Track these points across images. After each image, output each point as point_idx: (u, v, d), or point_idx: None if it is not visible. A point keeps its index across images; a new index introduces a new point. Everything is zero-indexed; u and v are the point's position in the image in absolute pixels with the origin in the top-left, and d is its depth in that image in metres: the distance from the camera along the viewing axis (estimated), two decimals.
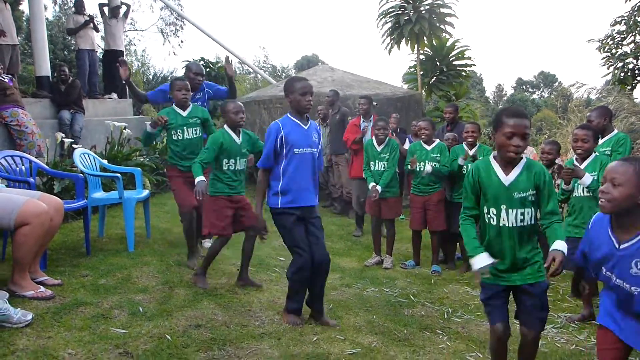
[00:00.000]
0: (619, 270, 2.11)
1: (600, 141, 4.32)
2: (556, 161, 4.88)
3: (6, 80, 6.49)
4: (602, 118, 4.42)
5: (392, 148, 5.33)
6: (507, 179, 2.45)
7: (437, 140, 5.34)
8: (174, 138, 4.57)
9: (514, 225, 2.46)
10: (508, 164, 2.47)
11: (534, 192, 2.44)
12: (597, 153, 3.98)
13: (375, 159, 5.34)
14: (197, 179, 3.89)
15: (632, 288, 2.07)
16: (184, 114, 4.58)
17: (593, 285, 3.62)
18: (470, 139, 5.17)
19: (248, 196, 4.37)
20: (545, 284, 2.51)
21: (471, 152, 5.10)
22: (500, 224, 2.48)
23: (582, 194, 3.88)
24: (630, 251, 2.08)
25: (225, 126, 4.14)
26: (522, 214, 2.45)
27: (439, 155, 5.17)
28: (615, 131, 4.49)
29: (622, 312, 2.18)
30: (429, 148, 5.22)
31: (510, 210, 2.46)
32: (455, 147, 5.32)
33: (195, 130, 4.63)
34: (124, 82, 4.76)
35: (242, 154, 4.19)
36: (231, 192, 4.12)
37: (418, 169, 5.20)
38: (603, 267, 2.19)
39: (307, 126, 3.55)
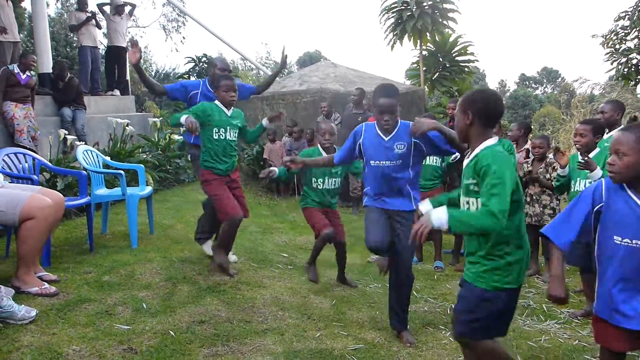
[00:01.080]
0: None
1: (607, 135, 4.31)
2: (548, 155, 4.89)
3: (22, 77, 6.58)
4: (615, 112, 4.35)
5: None
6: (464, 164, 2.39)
7: None
8: (214, 137, 4.25)
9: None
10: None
11: (475, 181, 2.27)
12: (599, 148, 3.96)
13: None
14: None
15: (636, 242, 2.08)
16: (229, 113, 4.33)
17: (594, 280, 3.59)
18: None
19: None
20: (478, 290, 2.26)
21: None
22: None
23: (583, 188, 3.86)
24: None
25: (217, 101, 4.30)
26: (468, 202, 2.34)
27: None
28: (622, 126, 4.45)
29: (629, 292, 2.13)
30: None
31: (462, 198, 2.38)
32: None
33: (235, 132, 4.38)
34: (132, 65, 4.41)
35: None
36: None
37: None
38: (615, 236, 2.14)
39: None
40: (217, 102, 4.31)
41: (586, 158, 3.65)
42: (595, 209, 2.18)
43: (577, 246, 3.09)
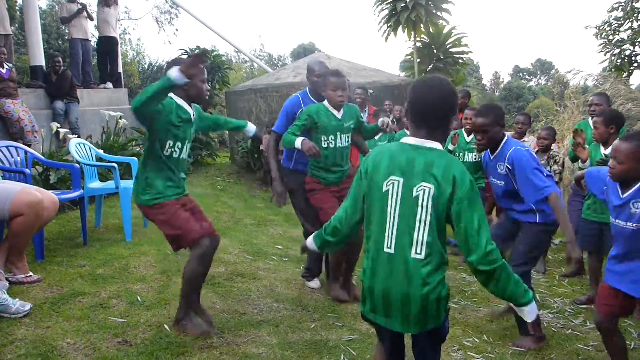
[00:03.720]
0: (622, 214, 2.53)
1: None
2: (552, 147, 4.91)
3: (3, 72, 6.49)
4: (606, 103, 4.51)
5: (392, 138, 5.33)
6: None
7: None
8: (323, 145, 3.64)
9: None
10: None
11: None
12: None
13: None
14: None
15: (628, 224, 2.49)
16: (339, 115, 3.69)
17: (599, 269, 3.88)
18: (468, 126, 5.15)
19: None
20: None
21: (468, 139, 5.09)
22: None
23: None
24: (629, 197, 2.49)
25: (325, 102, 3.68)
26: None
27: None
28: (623, 135, 4.55)
29: (619, 260, 2.57)
30: None
31: None
32: (453, 132, 5.32)
33: (348, 137, 3.77)
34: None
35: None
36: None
37: None
38: (611, 217, 2.60)
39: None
40: (325, 103, 3.69)
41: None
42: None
43: (591, 227, 3.75)
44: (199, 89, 2.96)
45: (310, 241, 2.23)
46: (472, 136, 5.11)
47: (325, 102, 3.67)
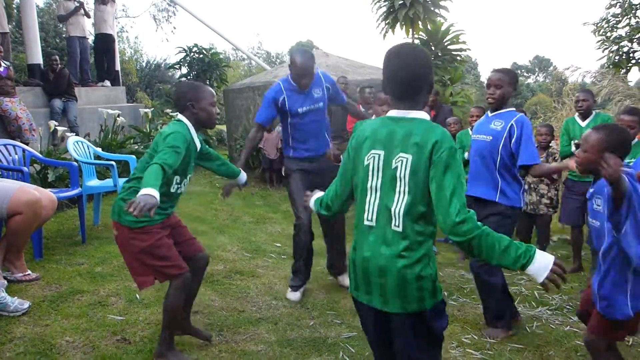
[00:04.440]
0: (589, 211, 2.48)
1: (586, 122, 4.48)
2: (551, 144, 4.93)
3: (0, 70, 6.47)
4: (592, 99, 4.61)
5: None
6: None
7: None
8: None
9: None
10: None
11: None
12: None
13: None
14: None
15: (592, 221, 2.43)
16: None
17: (581, 242, 4.58)
18: (474, 123, 5.17)
19: None
20: None
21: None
22: None
23: None
24: (590, 194, 2.44)
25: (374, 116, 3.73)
26: None
27: None
28: (596, 112, 4.69)
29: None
30: None
31: None
32: (461, 133, 5.34)
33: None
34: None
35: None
36: None
37: None
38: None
39: None
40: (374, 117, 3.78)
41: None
42: None
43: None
44: (209, 112, 2.74)
45: (311, 203, 2.21)
46: None
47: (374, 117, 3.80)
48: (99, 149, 5.71)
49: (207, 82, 11.18)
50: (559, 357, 3.00)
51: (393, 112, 1.84)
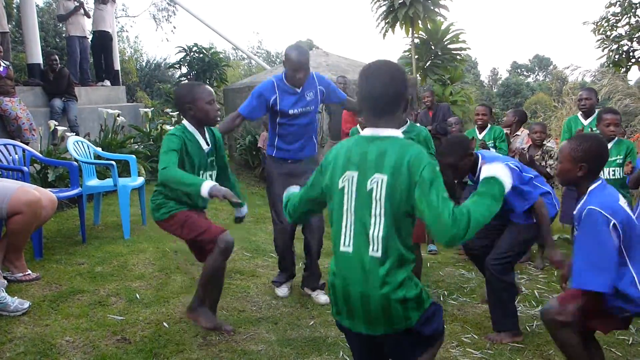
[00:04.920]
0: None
1: (588, 120, 4.51)
2: (545, 143, 4.95)
3: (1, 70, 6.47)
4: (595, 97, 4.68)
5: None
6: None
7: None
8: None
9: None
10: None
11: None
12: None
13: None
14: None
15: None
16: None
17: None
18: (480, 122, 5.19)
19: None
20: None
21: (480, 136, 5.13)
22: None
23: (609, 177, 4.04)
24: (576, 214, 2.34)
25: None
26: None
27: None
28: (598, 110, 4.71)
29: None
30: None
31: None
32: (468, 133, 5.36)
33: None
34: None
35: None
36: None
37: None
38: None
39: None
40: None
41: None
42: None
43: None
44: (205, 111, 2.81)
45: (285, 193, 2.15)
46: (484, 133, 5.14)
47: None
48: (99, 149, 5.71)
49: (207, 82, 11.17)
50: (559, 357, 2.99)
51: (367, 131, 1.79)
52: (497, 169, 1.74)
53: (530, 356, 3.00)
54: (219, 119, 2.94)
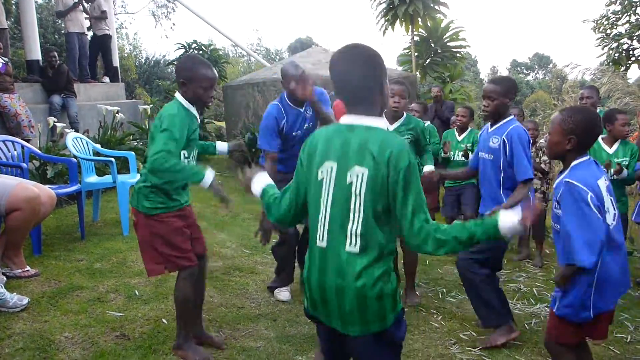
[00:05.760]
0: None
1: None
2: (537, 140, 4.96)
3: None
4: (597, 96, 4.65)
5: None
6: None
7: (427, 123, 5.35)
8: None
9: None
10: None
11: None
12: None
13: None
14: None
15: (554, 225, 2.26)
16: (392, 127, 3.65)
17: None
18: (459, 123, 5.19)
19: None
20: None
21: (460, 138, 5.13)
22: None
23: (612, 176, 4.00)
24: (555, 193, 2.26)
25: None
26: None
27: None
28: (600, 109, 4.72)
29: None
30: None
31: None
32: (446, 133, 5.38)
33: None
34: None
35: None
36: None
37: None
38: None
39: None
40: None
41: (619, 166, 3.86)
42: None
43: None
44: (198, 95, 2.63)
45: (257, 192, 1.97)
46: (464, 135, 5.14)
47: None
48: (98, 145, 5.69)
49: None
50: None
51: (347, 119, 1.71)
52: (513, 222, 1.61)
53: (529, 353, 3.01)
54: (210, 104, 2.80)
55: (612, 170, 3.80)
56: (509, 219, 1.62)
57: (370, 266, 1.62)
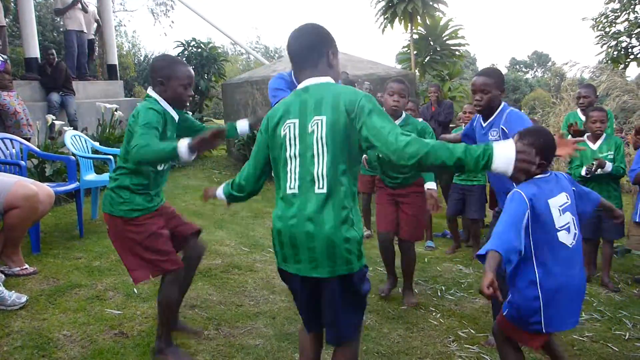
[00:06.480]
0: None
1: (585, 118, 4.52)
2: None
3: None
4: (594, 94, 4.66)
5: None
6: None
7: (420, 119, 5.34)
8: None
9: None
10: None
11: None
12: (605, 134, 4.21)
13: None
14: None
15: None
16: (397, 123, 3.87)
17: (594, 253, 4.35)
18: (468, 121, 5.18)
19: None
20: None
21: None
22: None
23: (600, 172, 4.07)
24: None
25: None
26: None
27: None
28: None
29: None
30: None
31: None
32: (454, 132, 5.37)
33: None
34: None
35: None
36: None
37: None
38: None
39: None
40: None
41: (598, 160, 3.96)
42: None
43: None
44: (178, 94, 2.55)
45: (219, 192, 2.27)
46: None
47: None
48: (97, 143, 5.69)
49: (206, 77, 11.14)
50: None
51: (301, 85, 1.93)
52: (509, 156, 1.62)
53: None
54: (188, 104, 2.68)
55: (593, 166, 3.92)
56: (506, 151, 1.63)
57: (336, 209, 1.80)
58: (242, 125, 3.00)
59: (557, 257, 2.13)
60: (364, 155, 3.54)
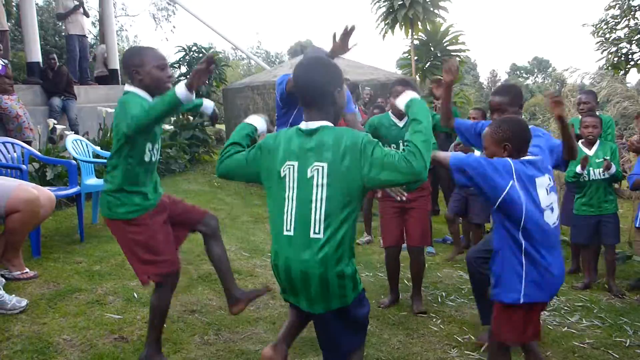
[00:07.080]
0: None
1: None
2: None
3: None
4: (594, 100, 4.66)
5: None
6: None
7: None
8: None
9: None
10: None
11: None
12: (599, 140, 4.27)
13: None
14: None
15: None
16: (401, 124, 3.73)
17: (594, 260, 4.32)
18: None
19: None
20: None
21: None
22: None
23: (598, 176, 4.11)
24: None
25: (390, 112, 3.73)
26: None
27: None
28: (599, 113, 4.75)
29: None
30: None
31: None
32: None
33: None
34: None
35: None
36: None
37: None
38: None
39: None
40: (390, 113, 3.76)
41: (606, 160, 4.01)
42: None
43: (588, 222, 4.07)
44: (155, 76, 2.42)
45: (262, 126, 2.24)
46: None
47: (390, 112, 3.72)
48: (98, 148, 5.70)
49: (207, 82, 11.15)
50: (557, 358, 3.00)
51: (303, 125, 1.93)
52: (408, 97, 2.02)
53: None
54: (170, 85, 2.47)
55: (602, 167, 3.98)
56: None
57: (332, 250, 1.83)
58: (208, 103, 3.01)
59: (542, 233, 2.21)
60: None
